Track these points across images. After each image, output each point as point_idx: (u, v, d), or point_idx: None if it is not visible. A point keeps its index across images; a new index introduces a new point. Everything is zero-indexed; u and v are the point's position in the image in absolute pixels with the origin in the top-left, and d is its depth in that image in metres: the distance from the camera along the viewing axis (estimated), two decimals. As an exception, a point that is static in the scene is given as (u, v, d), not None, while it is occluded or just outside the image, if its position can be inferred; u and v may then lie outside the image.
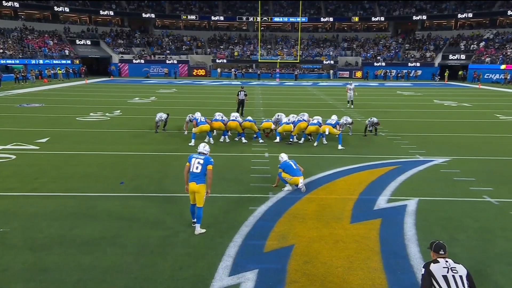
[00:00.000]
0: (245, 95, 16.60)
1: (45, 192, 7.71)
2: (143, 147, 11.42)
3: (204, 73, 46.40)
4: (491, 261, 5.28)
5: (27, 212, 6.72)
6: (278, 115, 13.20)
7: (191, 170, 6.02)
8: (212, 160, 6.11)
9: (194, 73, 46.15)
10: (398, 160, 10.26)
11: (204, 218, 6.23)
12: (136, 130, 13.67)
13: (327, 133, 11.59)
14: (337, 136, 11.66)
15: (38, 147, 11.08)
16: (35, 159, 9.90)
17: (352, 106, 19.82)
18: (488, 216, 6.78)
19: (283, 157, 8.27)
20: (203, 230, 6.06)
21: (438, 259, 3.71)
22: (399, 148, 11.62)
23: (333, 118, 12.05)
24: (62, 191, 7.77)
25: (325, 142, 12.05)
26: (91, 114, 17.10)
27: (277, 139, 12.21)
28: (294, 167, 7.98)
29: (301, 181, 7.86)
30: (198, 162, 6.03)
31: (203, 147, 6.28)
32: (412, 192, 7.87)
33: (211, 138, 12.08)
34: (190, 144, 11.62)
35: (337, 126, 11.79)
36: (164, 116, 13.48)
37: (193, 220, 6.26)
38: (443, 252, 3.75)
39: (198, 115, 12.33)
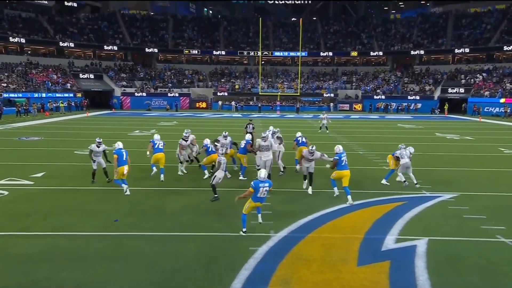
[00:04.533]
0: (253, 128, 16.38)
1: (36, 231, 7.37)
2: (141, 181, 11.13)
3: (205, 106, 46.67)
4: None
5: (14, 254, 6.35)
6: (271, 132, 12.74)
7: (258, 195, 7.28)
8: (271, 183, 7.54)
9: (196, 106, 46.50)
10: (404, 196, 9.94)
11: (202, 258, 5.88)
12: (134, 164, 13.39)
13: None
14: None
15: (32, 182, 10.80)
16: (28, 195, 9.60)
17: (327, 131, 22.59)
18: (503, 258, 6.39)
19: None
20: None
21: None
22: (403, 182, 11.29)
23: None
24: (53, 229, 7.43)
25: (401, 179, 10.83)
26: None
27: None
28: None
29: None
30: (265, 190, 7.34)
31: (264, 175, 7.37)
32: (421, 231, 7.51)
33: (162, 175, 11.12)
34: (204, 177, 11.35)
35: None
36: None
37: (243, 229, 7.31)
38: None
39: (207, 142, 11.55)
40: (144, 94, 45.55)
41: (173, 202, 9.20)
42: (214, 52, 53.05)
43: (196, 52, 52.59)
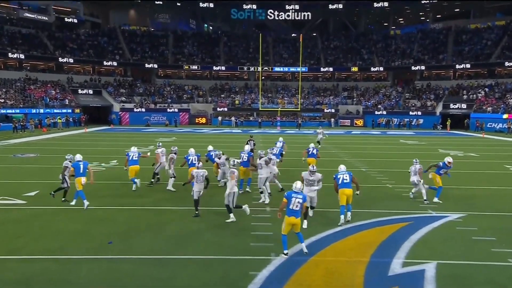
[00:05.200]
0: (254, 144, 16.17)
1: (25, 254, 7.10)
2: (138, 200, 10.89)
3: (205, 121, 46.73)
4: None
5: (0, 279, 6.08)
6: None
7: (290, 207, 7.06)
8: (306, 198, 7.48)
9: (195, 121, 46.50)
10: (410, 215, 9.69)
11: (199, 284, 5.60)
12: (131, 182, 13.17)
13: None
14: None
15: (25, 202, 10.56)
16: (20, 215, 9.36)
17: (319, 146, 22.36)
18: (517, 284, 6.11)
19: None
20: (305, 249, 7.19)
21: None
22: (408, 201, 11.08)
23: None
24: (44, 252, 7.16)
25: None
26: (86, 164, 16.67)
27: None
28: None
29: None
30: (298, 202, 7.12)
31: (300, 187, 7.26)
32: (429, 254, 7.24)
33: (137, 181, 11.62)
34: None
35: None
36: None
37: (284, 251, 7.05)
38: None
39: (192, 152, 11.53)
40: (143, 109, 45.59)
41: (170, 223, 8.95)
42: (214, 68, 53.38)
43: (196, 67, 52.94)
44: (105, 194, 11.54)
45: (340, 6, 57.34)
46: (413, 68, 50.38)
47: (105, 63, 49.45)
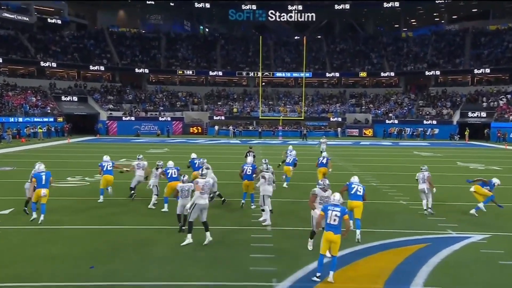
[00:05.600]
0: (254, 156, 16.12)
1: (-6, 280, 6.88)
2: (123, 219, 10.73)
3: (200, 131, 46.68)
4: None
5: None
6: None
7: (328, 222, 6.95)
8: (347, 210, 7.17)
9: (189, 131, 46.54)
10: (427, 236, 9.51)
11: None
12: (117, 198, 13.01)
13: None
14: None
15: (-2, 220, 10.36)
16: (-8, 236, 9.15)
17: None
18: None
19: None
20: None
21: None
22: (425, 220, 10.90)
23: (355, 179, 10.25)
24: (16, 279, 6.93)
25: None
26: (68, 178, 16.56)
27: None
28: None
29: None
30: (336, 215, 6.96)
31: (338, 198, 7.16)
32: (450, 281, 7.03)
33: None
34: (163, 210, 11.33)
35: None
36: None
37: (317, 274, 6.89)
38: None
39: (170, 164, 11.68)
40: (133, 118, 45.56)
41: (157, 243, 8.75)
42: (210, 73, 53.57)
43: (191, 72, 53.12)
44: (87, 212, 11.36)
45: (347, 6, 57.85)
46: (427, 73, 50.54)
47: (91, 67, 49.58)
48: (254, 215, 11.07)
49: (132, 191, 12.88)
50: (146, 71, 52.16)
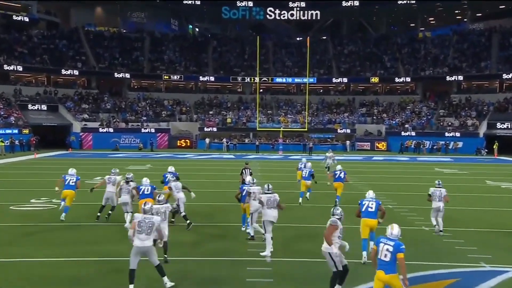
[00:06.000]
0: (251, 174, 15.96)
1: None
2: (91, 248, 10.39)
3: (188, 144, 46.57)
4: None
5: None
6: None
7: (379, 256, 6.60)
8: (403, 247, 6.51)
9: (176, 144, 46.37)
10: (456, 270, 9.21)
11: None
12: (88, 224, 12.73)
13: None
14: None
15: None
16: None
17: (328, 172, 22.20)
18: None
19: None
20: None
21: None
22: (453, 249, 10.62)
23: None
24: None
25: None
26: (32, 201, 16.21)
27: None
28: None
29: None
30: (387, 250, 6.55)
31: (397, 233, 6.70)
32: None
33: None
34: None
35: None
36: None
37: None
38: None
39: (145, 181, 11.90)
40: (111, 129, 45.32)
41: (136, 276, 8.36)
42: (201, 78, 53.59)
43: (178, 77, 53.11)
44: (50, 241, 11.03)
45: (356, 3, 58.30)
46: (448, 78, 50.69)
47: (63, 71, 49.43)
48: (251, 244, 10.76)
49: (99, 213, 12.95)
50: (127, 75, 52.10)
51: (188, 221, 11.98)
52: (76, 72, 50.16)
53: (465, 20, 62.82)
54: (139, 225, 7.71)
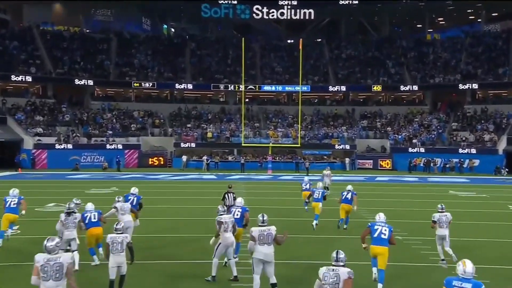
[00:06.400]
0: (235, 198, 15.60)
1: None
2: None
3: (162, 163, 46.41)
4: None
5: None
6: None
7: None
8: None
9: (148, 163, 46.02)
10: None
11: None
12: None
13: None
14: None
15: None
16: None
17: (328, 192, 22.26)
18: None
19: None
20: None
21: None
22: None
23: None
24: None
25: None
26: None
27: None
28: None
29: None
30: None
31: (471, 267, 6.42)
32: None
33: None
34: (93, 263, 11.44)
35: None
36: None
37: None
38: None
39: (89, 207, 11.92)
40: (70, 146, 44.83)
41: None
42: (177, 86, 53.32)
43: (151, 85, 52.78)
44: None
45: (355, 1, 58.92)
46: (461, 86, 51.14)
47: (13, 77, 48.73)
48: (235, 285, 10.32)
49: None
50: (90, 82, 51.60)
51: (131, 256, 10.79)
52: (29, 78, 49.54)
53: (479, 20, 63.56)
54: (42, 269, 6.84)
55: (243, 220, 11.98)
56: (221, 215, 11.08)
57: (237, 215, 11.86)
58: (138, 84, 52.40)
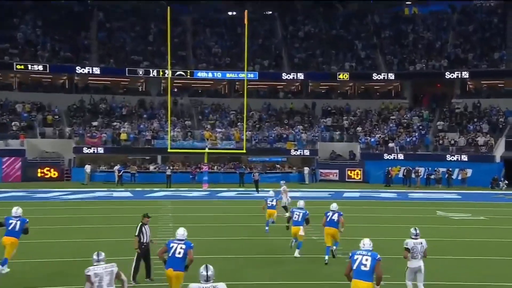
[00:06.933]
0: (147, 232, 14.99)
1: None
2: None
3: (57, 176, 45.64)
4: None
5: None
6: None
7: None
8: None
9: (36, 175, 44.66)
10: None
11: None
12: None
13: None
14: None
15: None
16: None
17: (286, 214, 22.23)
18: None
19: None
20: None
21: None
22: None
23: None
24: None
25: None
26: None
27: None
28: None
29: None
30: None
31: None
32: None
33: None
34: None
35: None
36: None
37: None
38: None
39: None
40: None
41: None
42: (78, 70, 52.20)
43: (41, 68, 51.22)
44: None
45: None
46: (448, 75, 52.00)
47: None
48: None
49: None
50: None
51: None
52: None
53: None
54: None
55: (185, 260, 11.50)
56: (95, 265, 9.63)
57: (178, 254, 11.49)
58: (22, 67, 50.92)
